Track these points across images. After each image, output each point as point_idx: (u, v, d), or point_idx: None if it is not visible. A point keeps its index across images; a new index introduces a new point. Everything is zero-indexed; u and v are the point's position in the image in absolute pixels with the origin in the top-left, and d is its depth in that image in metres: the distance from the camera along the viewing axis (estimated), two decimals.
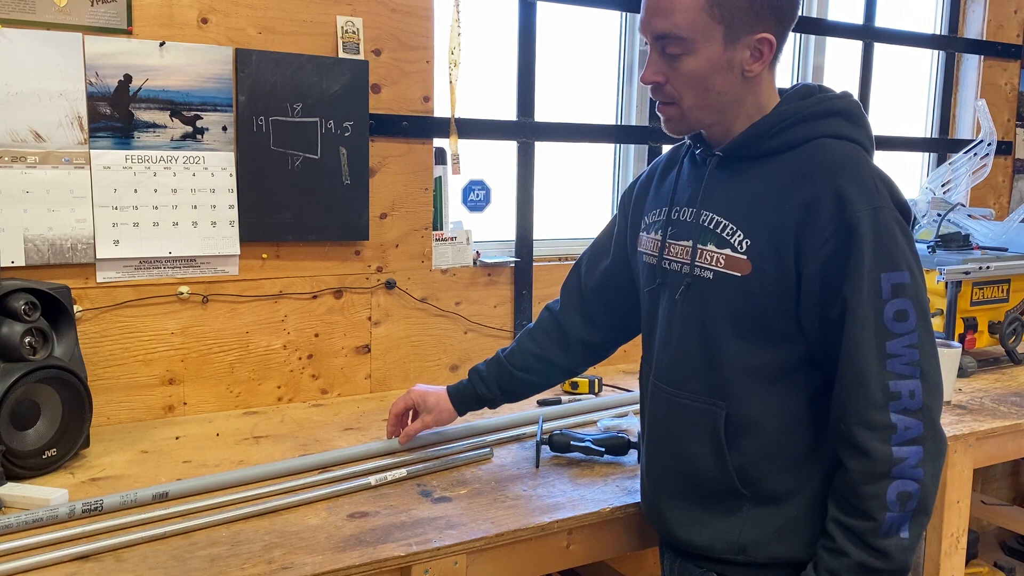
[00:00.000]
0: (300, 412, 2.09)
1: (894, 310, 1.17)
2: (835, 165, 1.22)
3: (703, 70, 1.25)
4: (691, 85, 1.27)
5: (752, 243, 1.25)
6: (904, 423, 1.16)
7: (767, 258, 1.24)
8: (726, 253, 1.28)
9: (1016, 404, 2.18)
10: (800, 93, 1.32)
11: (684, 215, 1.38)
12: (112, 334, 1.93)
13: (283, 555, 1.33)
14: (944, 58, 3.43)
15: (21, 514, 1.40)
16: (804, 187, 1.22)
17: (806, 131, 1.27)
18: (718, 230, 1.30)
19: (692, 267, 1.33)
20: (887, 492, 1.17)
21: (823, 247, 1.20)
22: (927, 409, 1.17)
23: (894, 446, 1.16)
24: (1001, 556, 3.18)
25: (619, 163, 2.75)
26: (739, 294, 1.27)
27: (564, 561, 1.57)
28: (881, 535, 1.18)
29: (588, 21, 2.64)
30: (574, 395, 2.22)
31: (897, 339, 1.17)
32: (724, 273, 1.28)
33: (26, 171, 1.79)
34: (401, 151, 2.22)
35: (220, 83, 1.97)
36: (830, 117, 1.28)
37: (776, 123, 1.28)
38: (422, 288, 2.30)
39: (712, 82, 1.26)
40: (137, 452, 1.78)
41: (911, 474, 1.17)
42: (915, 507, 1.17)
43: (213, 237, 2.00)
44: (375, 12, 2.14)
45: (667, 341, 1.39)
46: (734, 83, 1.27)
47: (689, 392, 1.35)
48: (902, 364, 1.17)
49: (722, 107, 1.29)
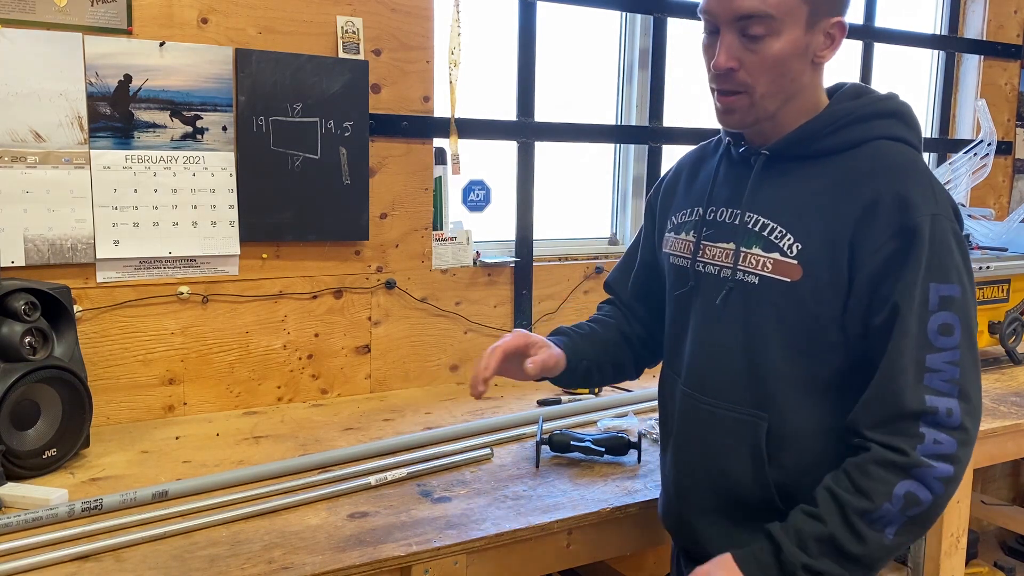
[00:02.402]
0: (300, 412, 2.09)
1: (939, 323, 1.12)
2: (897, 167, 1.18)
3: (785, 53, 1.18)
4: (769, 70, 1.19)
5: (804, 247, 1.20)
6: (935, 436, 1.11)
7: (820, 263, 1.19)
8: (774, 257, 1.22)
9: (1016, 404, 2.18)
10: (850, 92, 1.27)
11: (724, 216, 1.31)
12: (112, 334, 1.93)
13: (283, 555, 1.33)
14: (944, 58, 3.43)
15: (21, 514, 1.40)
16: (864, 188, 1.17)
17: (862, 132, 1.22)
18: (765, 232, 1.24)
19: (735, 271, 1.26)
20: (897, 486, 1.11)
21: (880, 249, 1.15)
22: (963, 430, 1.12)
23: (921, 454, 1.11)
24: (1001, 556, 3.17)
25: (619, 163, 2.75)
26: (787, 301, 1.21)
27: (564, 561, 1.57)
28: (868, 521, 1.12)
29: (588, 21, 2.64)
30: (574, 395, 2.22)
31: (938, 353, 1.12)
32: (771, 278, 1.22)
33: (26, 171, 1.79)
34: (401, 151, 2.22)
35: (220, 83, 1.97)
36: (885, 118, 1.24)
37: (830, 122, 1.23)
38: (422, 288, 2.30)
39: (789, 67, 1.19)
40: (137, 452, 1.77)
41: (930, 483, 1.11)
42: (915, 515, 1.12)
43: (213, 237, 2.00)
44: (375, 12, 2.14)
45: (702, 348, 1.32)
46: (805, 70, 1.21)
47: (727, 403, 1.28)
48: (941, 380, 1.12)
49: (789, 96, 1.23)
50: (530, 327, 2.47)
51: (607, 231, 2.77)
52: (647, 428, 1.94)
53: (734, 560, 1.18)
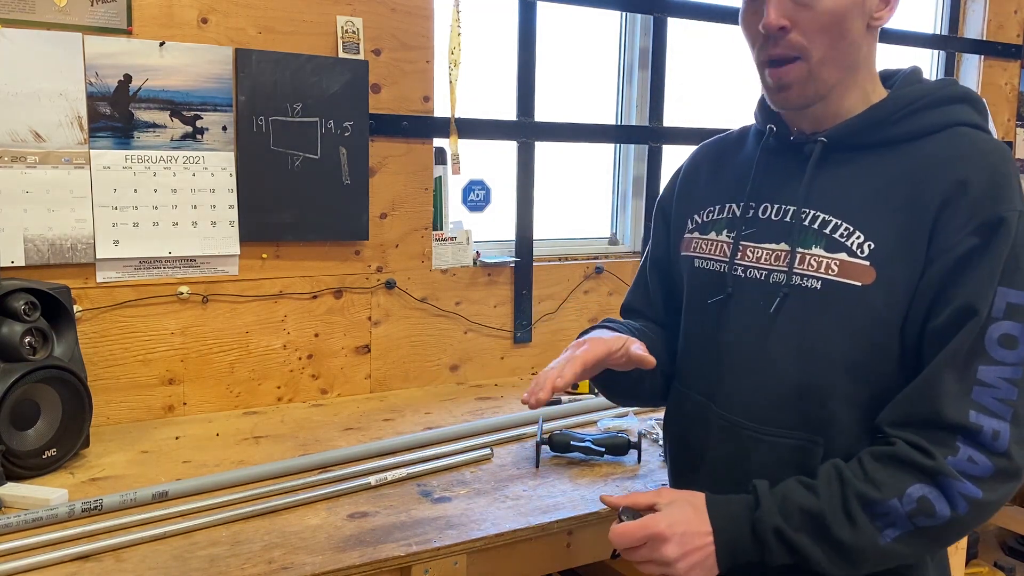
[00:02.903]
0: (300, 412, 2.09)
1: (1001, 332, 0.98)
2: (988, 153, 1.05)
3: (843, 7, 1.04)
4: (827, 28, 1.05)
5: (876, 247, 1.05)
6: (971, 454, 0.97)
7: (895, 264, 1.04)
8: (840, 258, 1.07)
9: None
10: (913, 76, 1.15)
11: (771, 212, 1.16)
12: (112, 334, 1.93)
13: (283, 555, 1.33)
14: (944, 58, 3.43)
15: (21, 514, 1.40)
16: (950, 173, 1.03)
17: (941, 117, 1.09)
18: (827, 230, 1.09)
19: (790, 274, 1.11)
20: (913, 486, 0.98)
21: (957, 245, 1.01)
22: (1008, 458, 0.97)
23: (950, 465, 0.98)
24: (1001, 556, 3.17)
25: (619, 163, 2.75)
26: (859, 307, 1.05)
27: (564, 561, 1.57)
28: (868, 511, 0.99)
29: (588, 21, 2.64)
30: (574, 395, 2.22)
31: (994, 367, 0.98)
32: (839, 282, 1.07)
33: (26, 171, 1.79)
34: (401, 151, 2.22)
35: (220, 83, 1.97)
36: (959, 103, 1.11)
37: (903, 105, 1.09)
38: (422, 288, 2.30)
39: (848, 26, 1.05)
40: (137, 452, 1.77)
41: (953, 498, 0.97)
42: (925, 527, 0.98)
43: (213, 237, 2.00)
44: (375, 12, 2.14)
45: (745, 364, 1.15)
46: (863, 33, 1.08)
47: (776, 427, 1.11)
48: (992, 397, 0.98)
49: (849, 65, 1.09)
50: (530, 327, 2.47)
51: (607, 231, 2.77)
52: (647, 428, 1.94)
53: (705, 501, 1.07)
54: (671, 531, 1.04)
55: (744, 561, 1.04)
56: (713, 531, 1.05)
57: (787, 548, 1.02)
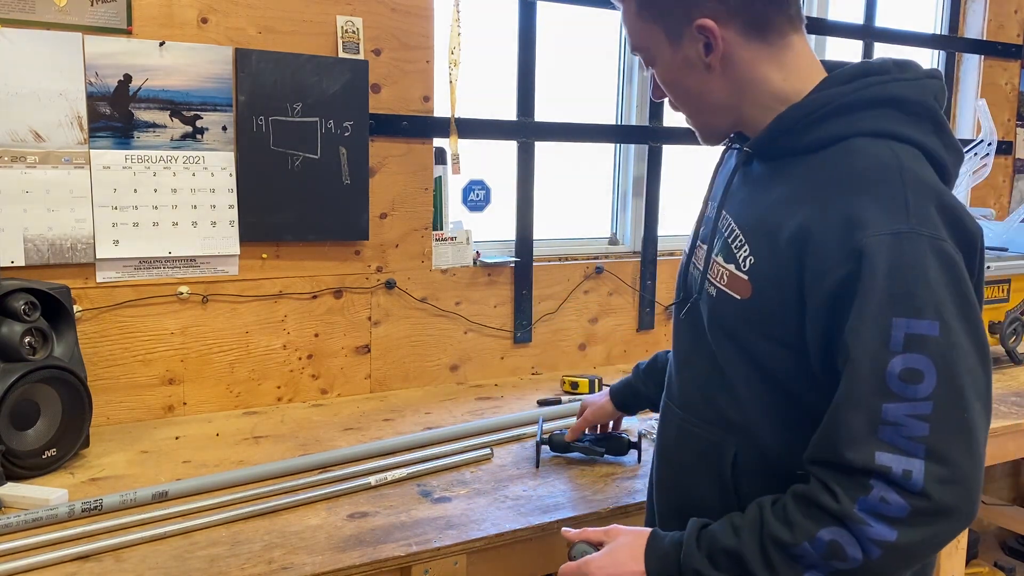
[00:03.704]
0: (300, 412, 2.09)
1: (902, 367, 0.92)
2: (855, 176, 0.99)
3: (669, 76, 1.14)
4: (673, 94, 1.16)
5: (756, 262, 1.06)
6: (884, 494, 0.92)
7: (767, 283, 1.04)
8: (730, 269, 1.09)
9: (1016, 404, 2.18)
10: (846, 75, 1.07)
11: (711, 212, 1.21)
12: (112, 334, 1.93)
13: (283, 555, 1.33)
14: (944, 58, 3.43)
15: (21, 514, 1.40)
16: (810, 204, 1.01)
17: (839, 127, 1.03)
18: (730, 239, 1.11)
19: (703, 279, 1.16)
20: (822, 531, 0.94)
21: (826, 278, 0.97)
22: (925, 497, 0.91)
23: (859, 508, 0.93)
24: (1001, 556, 3.17)
25: (619, 163, 2.75)
26: (739, 319, 1.08)
27: (564, 561, 1.56)
28: (783, 554, 0.96)
29: (588, 21, 2.63)
30: (574, 395, 2.22)
31: (899, 403, 0.92)
32: (725, 293, 1.10)
33: (26, 171, 1.79)
34: (401, 151, 2.22)
35: (220, 83, 1.96)
36: (876, 107, 1.03)
37: (805, 115, 1.05)
38: (422, 288, 2.30)
39: (685, 86, 1.13)
40: (137, 452, 1.77)
41: (864, 543, 0.93)
42: (841, 570, 0.94)
43: (213, 237, 2.00)
44: (375, 12, 2.14)
45: (678, 356, 1.25)
46: (708, 80, 1.10)
47: (697, 419, 1.18)
48: (901, 436, 0.92)
49: (717, 108, 1.12)
50: (530, 327, 2.47)
51: (607, 231, 2.77)
52: (647, 428, 1.94)
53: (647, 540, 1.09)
54: (600, 573, 1.10)
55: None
56: (646, 571, 1.07)
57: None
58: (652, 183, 2.67)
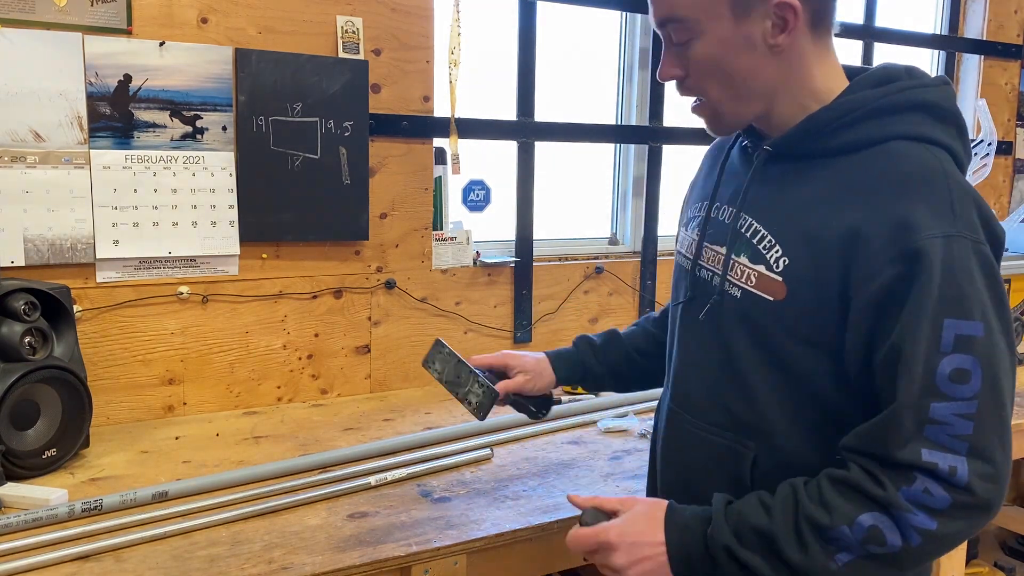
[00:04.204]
0: (300, 412, 2.09)
1: (951, 367, 0.94)
2: (904, 179, 1.00)
3: (717, 53, 1.05)
4: (710, 74, 1.07)
5: (791, 263, 1.04)
6: (928, 486, 0.95)
7: (805, 284, 1.03)
8: (759, 270, 1.07)
9: (1016, 404, 2.18)
10: (875, 78, 1.08)
11: (723, 214, 1.17)
12: (112, 334, 1.93)
13: (283, 555, 1.33)
14: (944, 58, 3.43)
15: (21, 514, 1.40)
16: (857, 205, 1.00)
17: (876, 130, 1.04)
18: (755, 240, 1.09)
19: (723, 280, 1.13)
20: (863, 515, 0.96)
21: (877, 276, 0.97)
22: (968, 492, 0.94)
23: (904, 497, 0.95)
24: (1001, 556, 3.17)
25: (619, 163, 2.75)
26: (770, 321, 1.06)
27: (564, 561, 1.57)
28: (819, 536, 0.97)
29: (588, 21, 2.64)
30: (574, 395, 2.22)
31: (947, 403, 0.94)
32: (754, 294, 1.08)
33: (26, 171, 1.79)
34: (401, 151, 2.22)
35: (220, 83, 1.96)
36: (909, 112, 1.04)
37: (837, 117, 1.05)
38: (422, 288, 2.30)
39: (732, 66, 1.06)
40: (137, 452, 1.77)
41: (905, 530, 0.95)
42: (877, 554, 0.96)
43: (213, 237, 2.00)
44: (375, 12, 2.14)
45: (687, 361, 1.21)
46: (762, 63, 1.06)
47: (711, 424, 1.15)
48: (947, 435, 0.94)
49: (758, 94, 1.08)
50: (530, 327, 2.47)
51: (607, 231, 2.77)
52: (647, 428, 1.94)
53: (665, 511, 1.08)
54: (620, 540, 1.07)
55: (697, 570, 1.04)
56: (666, 542, 1.05)
57: (738, 566, 1.01)
58: (652, 183, 2.67)
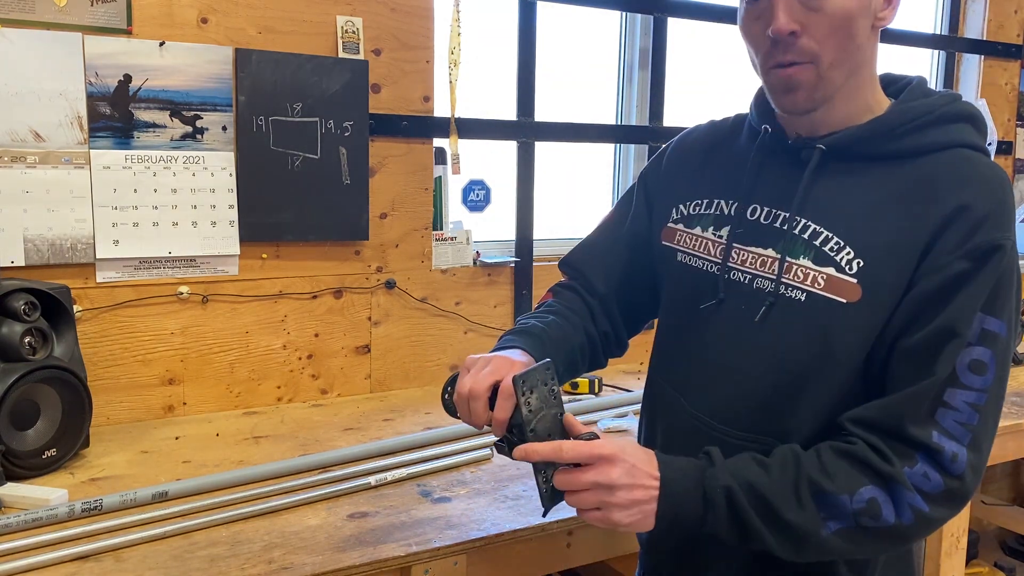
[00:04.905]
0: (300, 412, 2.09)
1: (972, 357, 0.98)
2: (990, 179, 1.03)
3: (852, 9, 1.01)
4: (837, 31, 1.01)
5: (866, 264, 1.03)
6: (927, 470, 0.97)
7: (883, 284, 1.02)
8: (828, 272, 1.05)
9: (1016, 404, 2.18)
10: (919, 89, 1.11)
11: (760, 215, 1.13)
12: (112, 334, 1.93)
13: (283, 555, 1.33)
14: (944, 58, 3.43)
15: (21, 514, 1.40)
16: (950, 196, 1.01)
17: (942, 136, 1.06)
18: (817, 242, 1.06)
19: (777, 283, 1.08)
20: (865, 487, 0.98)
21: (942, 271, 0.99)
22: (960, 481, 0.98)
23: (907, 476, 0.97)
24: (1001, 556, 3.18)
25: (619, 163, 2.75)
26: (841, 324, 1.04)
27: (564, 561, 1.57)
28: (816, 499, 0.98)
29: (588, 21, 2.64)
30: (574, 395, 2.22)
31: (962, 391, 0.98)
32: (824, 297, 1.04)
33: (26, 171, 1.79)
34: (401, 151, 2.22)
35: (220, 83, 1.97)
36: (961, 122, 1.08)
37: (908, 120, 1.06)
38: (422, 288, 2.30)
39: (857, 28, 1.02)
40: (137, 452, 1.77)
41: (901, 507, 0.97)
42: (867, 527, 0.98)
43: (213, 237, 2.00)
44: (375, 12, 2.14)
45: (721, 371, 1.13)
46: (868, 35, 1.05)
47: (740, 431, 1.10)
48: (955, 421, 0.98)
49: (854, 68, 1.05)
50: None
51: None
52: None
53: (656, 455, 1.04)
54: (623, 455, 1.01)
55: (683, 518, 1.01)
56: (661, 478, 1.01)
57: (732, 512, 0.99)
58: None
